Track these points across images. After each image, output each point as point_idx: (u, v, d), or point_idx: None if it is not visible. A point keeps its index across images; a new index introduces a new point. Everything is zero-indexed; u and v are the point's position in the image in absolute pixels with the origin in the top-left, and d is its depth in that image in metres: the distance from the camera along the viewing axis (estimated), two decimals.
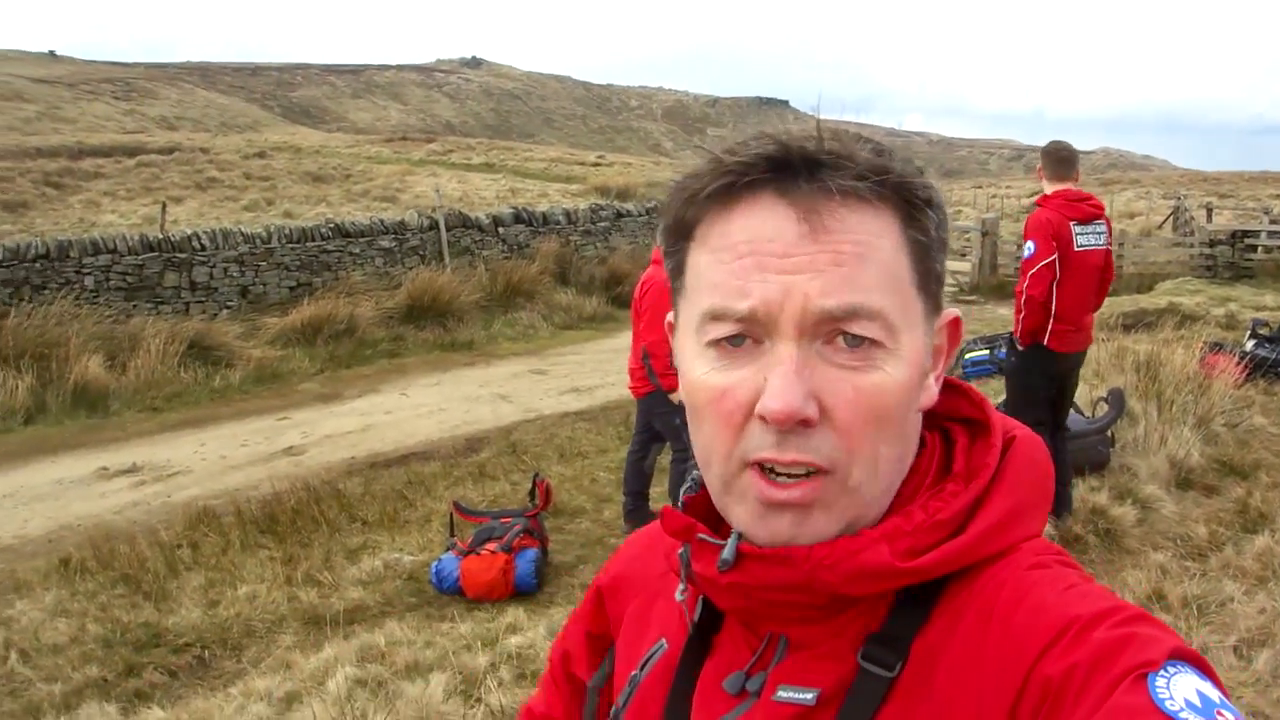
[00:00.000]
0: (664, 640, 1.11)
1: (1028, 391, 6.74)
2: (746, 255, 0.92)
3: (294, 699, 4.98)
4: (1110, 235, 6.64)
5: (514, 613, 6.07)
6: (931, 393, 1.01)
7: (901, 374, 0.92)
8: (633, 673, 1.13)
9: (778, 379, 0.89)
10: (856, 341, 0.90)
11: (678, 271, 1.00)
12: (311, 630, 6.19)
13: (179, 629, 6.25)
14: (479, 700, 4.79)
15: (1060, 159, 6.58)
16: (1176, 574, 5.99)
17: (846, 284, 0.90)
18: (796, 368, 0.89)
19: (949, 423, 1.06)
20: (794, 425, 0.89)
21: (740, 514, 0.96)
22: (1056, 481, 6.70)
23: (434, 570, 6.71)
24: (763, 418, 0.90)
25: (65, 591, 6.78)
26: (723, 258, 0.93)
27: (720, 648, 1.06)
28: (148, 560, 7.13)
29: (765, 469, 0.93)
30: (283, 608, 6.49)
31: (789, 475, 0.92)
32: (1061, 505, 6.69)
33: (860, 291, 0.90)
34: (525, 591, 6.60)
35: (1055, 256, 6.35)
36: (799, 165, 0.91)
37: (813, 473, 0.92)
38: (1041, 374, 6.60)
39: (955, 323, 1.03)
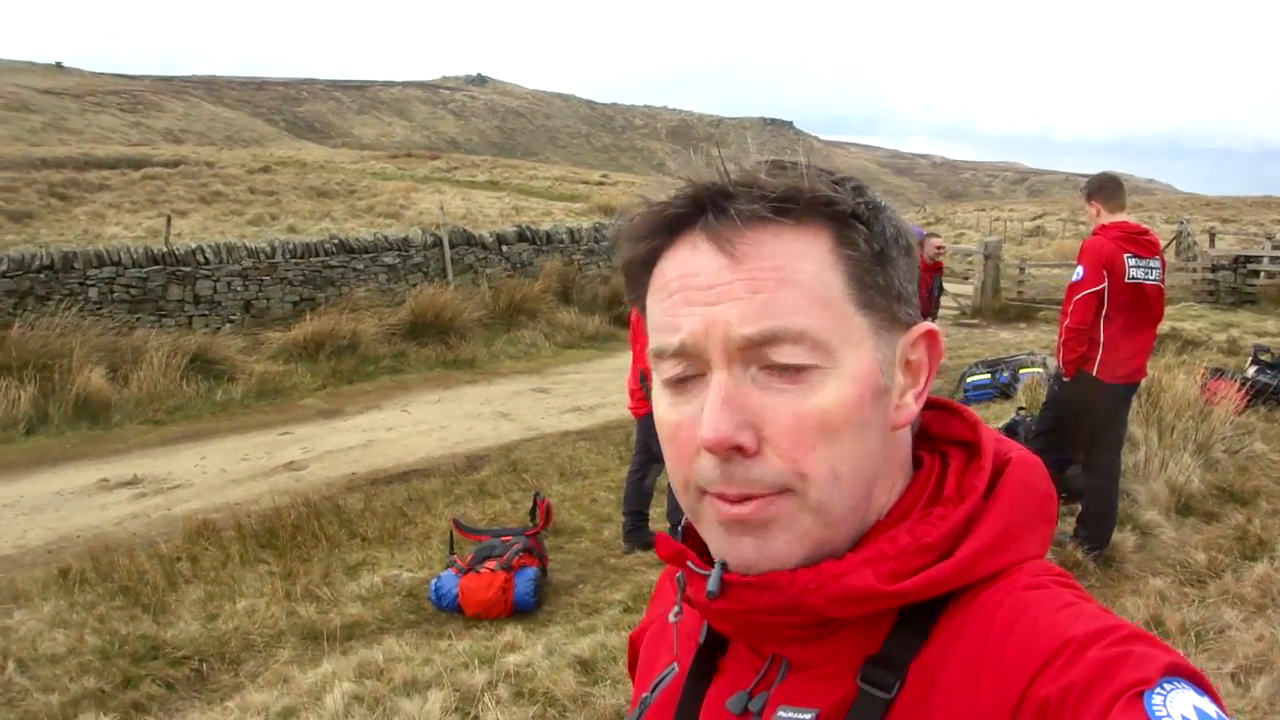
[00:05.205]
0: (675, 664, 1.12)
1: (1060, 420, 6.72)
2: (677, 292, 0.95)
3: (291, 714, 4.99)
4: (1164, 271, 6.56)
5: (512, 631, 6.05)
6: (909, 410, 1.00)
7: (845, 392, 0.92)
8: (644, 695, 1.15)
9: (708, 409, 0.92)
10: (786, 369, 0.92)
11: (644, 314, 1.02)
12: (309, 645, 6.19)
13: (177, 642, 6.24)
14: (476, 718, 4.79)
15: (1116, 190, 6.54)
16: (1175, 600, 5.98)
17: (764, 310, 0.91)
18: (726, 395, 0.91)
19: (946, 445, 1.06)
20: (729, 453, 0.91)
21: (712, 540, 0.98)
22: (1103, 516, 6.65)
23: (433, 587, 6.70)
24: (704, 449, 0.93)
25: (64, 602, 6.76)
26: (660, 298, 0.97)
27: (726, 669, 1.07)
28: (147, 573, 7.12)
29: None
30: (281, 622, 6.48)
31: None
32: (1104, 535, 6.72)
33: (779, 316, 0.91)
34: (524, 610, 6.59)
35: (1104, 286, 6.28)
36: (709, 201, 0.94)
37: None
38: (1084, 404, 6.51)
39: (930, 335, 1.02)
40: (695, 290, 0.93)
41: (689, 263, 0.95)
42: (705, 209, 0.94)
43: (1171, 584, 6.31)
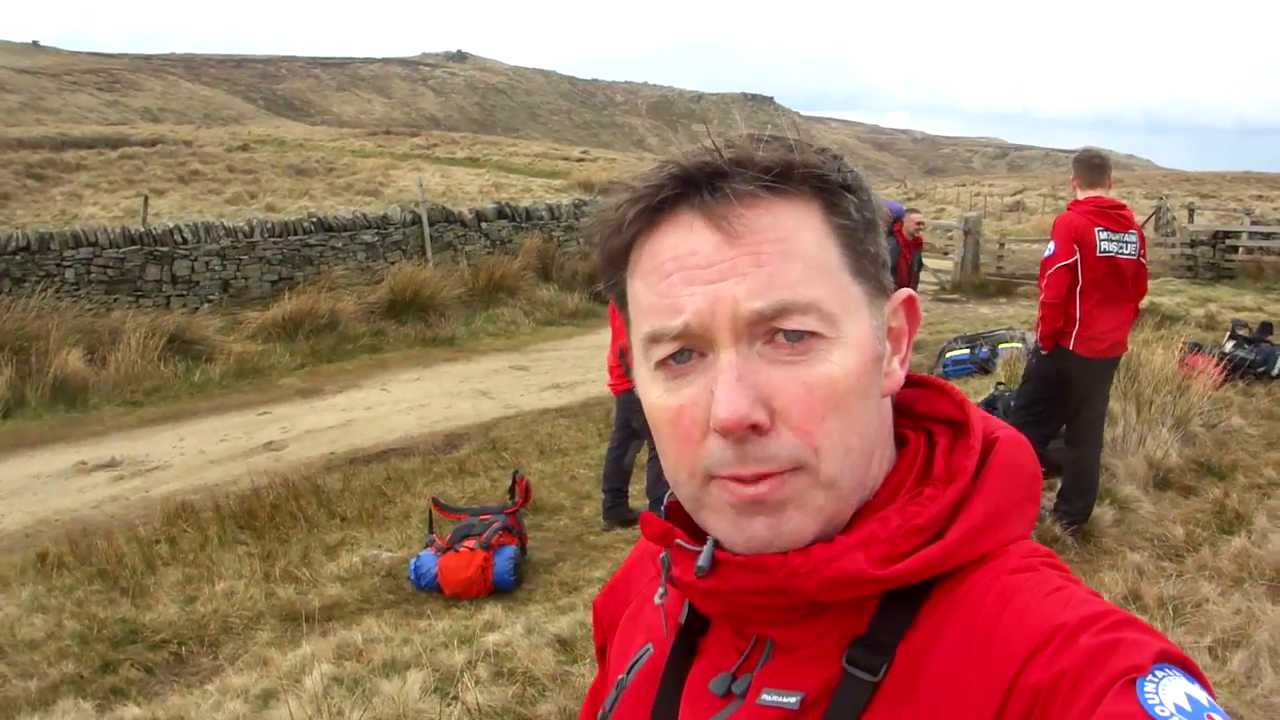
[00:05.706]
0: (650, 645, 1.11)
1: (1040, 395, 6.73)
2: (673, 273, 0.93)
3: (271, 696, 4.97)
4: (1143, 246, 6.57)
5: (492, 610, 6.06)
6: (896, 377, 1.01)
7: (850, 361, 0.92)
8: (620, 676, 1.13)
9: (722, 389, 0.90)
10: (796, 336, 0.91)
11: (621, 302, 1.01)
12: (289, 627, 6.18)
13: (156, 625, 6.23)
14: (455, 698, 4.78)
15: (1092, 165, 6.55)
16: (1153, 575, 6.00)
17: (772, 282, 0.90)
18: (739, 374, 0.90)
19: (932, 423, 1.05)
20: (746, 432, 0.89)
21: (717, 524, 0.96)
22: (1082, 492, 6.69)
23: (412, 567, 6.70)
24: (718, 431, 0.90)
25: (42, 587, 6.75)
26: (652, 280, 0.95)
27: (708, 649, 1.06)
28: (125, 556, 7.11)
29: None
30: (260, 604, 6.48)
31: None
32: (1084, 511, 6.75)
33: (787, 287, 0.90)
34: (503, 589, 6.60)
35: (1075, 260, 6.30)
36: (702, 179, 0.93)
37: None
38: (1063, 379, 6.54)
39: (910, 301, 1.03)
40: (695, 269, 0.92)
41: (684, 242, 0.93)
42: (699, 188, 0.93)
43: (1149, 558, 6.33)
